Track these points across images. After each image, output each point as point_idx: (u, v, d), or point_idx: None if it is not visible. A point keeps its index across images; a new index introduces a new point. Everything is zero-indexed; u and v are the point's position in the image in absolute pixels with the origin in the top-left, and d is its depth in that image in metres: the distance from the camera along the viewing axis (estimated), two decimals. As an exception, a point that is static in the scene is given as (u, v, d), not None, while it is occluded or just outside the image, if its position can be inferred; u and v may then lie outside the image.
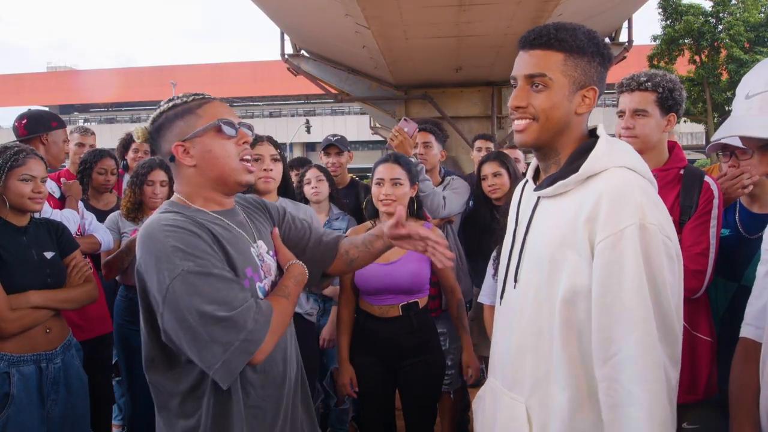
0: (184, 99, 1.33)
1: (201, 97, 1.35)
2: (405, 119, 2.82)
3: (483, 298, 2.59)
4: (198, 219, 1.28)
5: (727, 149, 2.00)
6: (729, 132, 1.19)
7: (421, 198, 2.56)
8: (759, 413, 1.26)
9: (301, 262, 1.47)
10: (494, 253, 2.55)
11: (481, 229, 2.84)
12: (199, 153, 1.31)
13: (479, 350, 2.97)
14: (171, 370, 1.28)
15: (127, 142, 3.75)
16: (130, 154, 3.68)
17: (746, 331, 1.39)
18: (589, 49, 1.17)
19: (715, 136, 1.23)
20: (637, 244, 1.06)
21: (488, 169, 2.83)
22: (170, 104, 1.33)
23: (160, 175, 2.83)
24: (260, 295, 1.34)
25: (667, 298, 1.08)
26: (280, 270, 1.47)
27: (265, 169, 2.23)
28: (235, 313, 1.17)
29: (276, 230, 1.51)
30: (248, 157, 1.35)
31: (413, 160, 2.58)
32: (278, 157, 2.29)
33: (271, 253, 1.45)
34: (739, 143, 1.88)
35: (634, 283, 1.06)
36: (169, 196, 2.84)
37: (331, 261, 1.56)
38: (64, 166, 3.67)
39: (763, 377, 1.26)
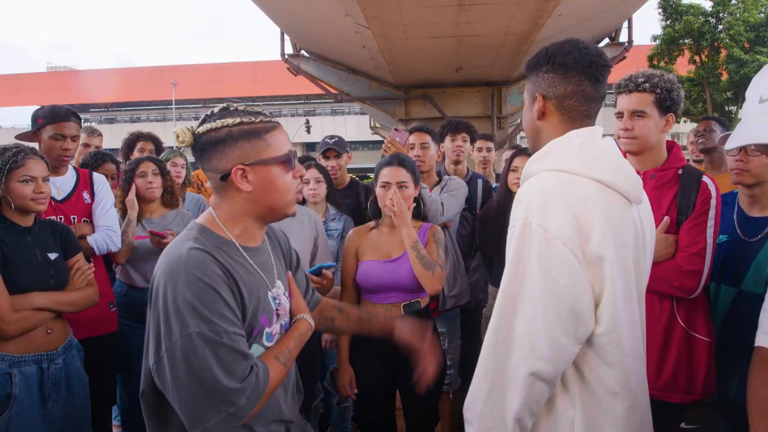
0: (252, 119, 1.27)
1: (268, 120, 1.30)
2: (396, 129, 2.83)
3: None
4: (225, 259, 1.24)
5: None
6: (745, 140, 1.16)
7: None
8: None
9: (310, 318, 1.45)
10: None
11: (501, 225, 2.77)
12: (260, 181, 1.27)
13: None
14: (162, 409, 1.25)
15: (131, 142, 3.72)
16: (136, 154, 3.66)
17: (763, 339, 1.32)
18: (539, 62, 1.33)
19: (731, 144, 1.18)
20: (516, 239, 1.19)
21: (520, 162, 2.73)
22: (237, 120, 1.25)
23: (150, 166, 2.83)
24: (266, 343, 1.33)
25: (530, 292, 1.15)
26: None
27: None
28: (231, 387, 1.15)
29: (290, 274, 1.49)
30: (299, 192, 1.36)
31: None
32: None
33: (287, 294, 1.44)
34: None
35: (505, 277, 1.20)
36: (164, 186, 2.87)
37: None
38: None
39: None
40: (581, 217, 1.16)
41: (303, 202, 2.84)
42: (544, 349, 1.14)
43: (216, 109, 1.29)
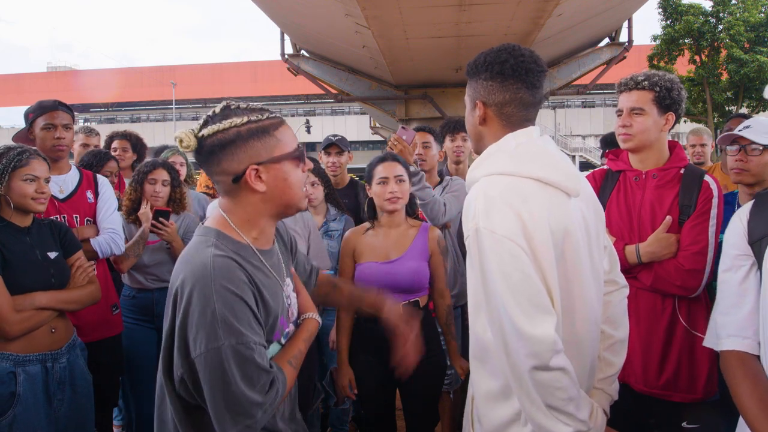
0: (259, 117, 1.23)
1: (274, 116, 1.27)
2: (403, 127, 2.79)
3: None
4: (246, 264, 1.23)
5: (735, 144, 2.00)
6: None
7: (421, 206, 2.57)
8: None
9: (317, 316, 1.45)
10: None
11: None
12: (274, 179, 1.24)
13: None
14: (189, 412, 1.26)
15: (108, 144, 3.74)
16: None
17: (733, 343, 1.30)
18: (478, 69, 1.37)
19: None
20: (471, 247, 1.27)
21: None
22: (244, 119, 1.21)
23: (162, 174, 2.84)
24: (284, 341, 1.35)
25: (494, 292, 1.22)
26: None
27: None
28: (253, 400, 1.17)
29: (294, 271, 1.48)
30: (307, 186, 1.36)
31: (413, 168, 2.57)
32: None
33: (294, 290, 1.44)
34: (755, 138, 1.86)
35: (469, 285, 1.33)
36: (170, 196, 2.87)
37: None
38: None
39: None
40: (524, 214, 1.23)
41: None
42: (520, 345, 1.18)
43: (217, 109, 1.25)
